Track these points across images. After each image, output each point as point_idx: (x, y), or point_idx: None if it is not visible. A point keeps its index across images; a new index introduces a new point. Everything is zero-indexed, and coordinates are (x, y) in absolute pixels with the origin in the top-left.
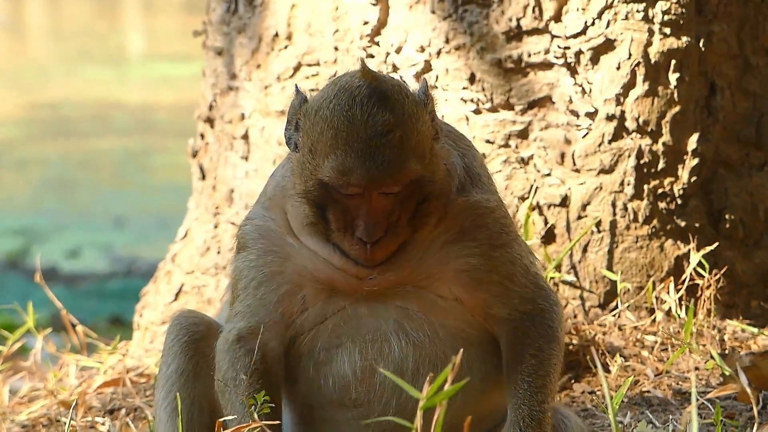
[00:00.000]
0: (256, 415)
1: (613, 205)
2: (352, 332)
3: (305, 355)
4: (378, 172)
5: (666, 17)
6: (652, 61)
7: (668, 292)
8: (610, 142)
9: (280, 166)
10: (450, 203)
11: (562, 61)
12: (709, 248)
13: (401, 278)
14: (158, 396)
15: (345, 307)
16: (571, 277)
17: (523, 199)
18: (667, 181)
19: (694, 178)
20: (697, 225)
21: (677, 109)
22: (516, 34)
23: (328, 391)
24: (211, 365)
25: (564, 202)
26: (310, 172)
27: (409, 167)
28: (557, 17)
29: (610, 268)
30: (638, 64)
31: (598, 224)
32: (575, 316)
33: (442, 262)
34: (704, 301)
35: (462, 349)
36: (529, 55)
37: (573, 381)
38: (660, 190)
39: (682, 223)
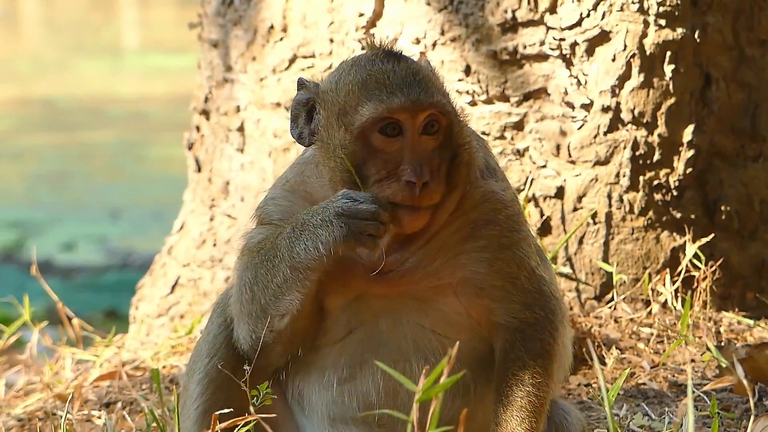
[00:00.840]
0: (252, 408)
1: (609, 196)
2: (374, 350)
3: (330, 369)
4: (419, 95)
5: (661, 9)
6: (648, 52)
7: (664, 284)
8: (605, 133)
9: (285, 173)
10: (471, 190)
11: (557, 52)
12: (704, 240)
13: (415, 279)
14: (192, 388)
15: (367, 320)
16: (566, 269)
17: (518, 190)
18: (662, 172)
19: (689, 170)
20: (692, 216)
21: (672, 100)
22: (511, 26)
23: (351, 408)
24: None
25: (560, 193)
26: (345, 129)
27: (441, 98)
28: (552, 9)
29: (605, 259)
30: (633, 55)
31: (594, 216)
32: (571, 308)
33: (453, 267)
34: (700, 292)
35: (458, 342)
36: (525, 47)
37: (569, 374)
38: (655, 182)
39: (678, 215)
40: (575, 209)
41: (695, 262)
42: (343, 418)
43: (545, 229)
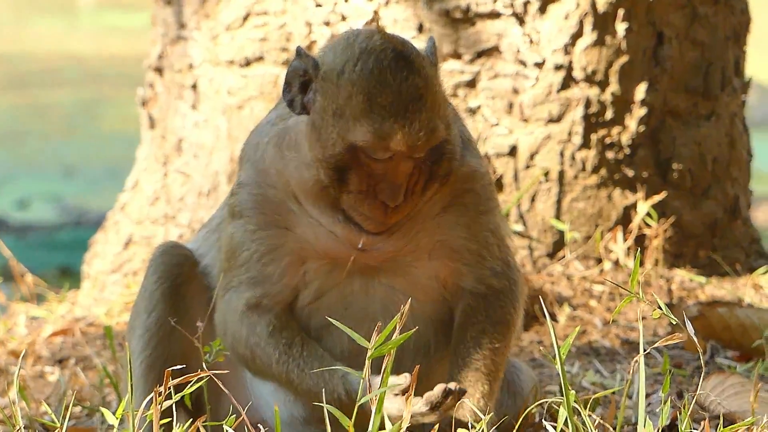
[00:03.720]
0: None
1: (561, 154)
2: (342, 311)
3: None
4: (417, 136)
5: None
6: (600, 11)
7: (616, 242)
8: (558, 92)
9: (265, 125)
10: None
11: (510, 11)
12: (657, 198)
13: (398, 252)
14: (134, 345)
15: (340, 283)
16: (519, 227)
17: None
18: (615, 131)
19: (642, 128)
20: (644, 175)
21: (625, 58)
22: None
23: None
24: (191, 314)
25: (512, 152)
26: (337, 135)
27: (441, 130)
28: None
29: (558, 217)
30: (586, 13)
31: (546, 174)
32: (523, 266)
33: (431, 233)
34: (652, 250)
35: (411, 299)
36: (477, 5)
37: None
38: (608, 140)
39: (630, 173)
40: (528, 167)
41: (647, 220)
42: None
43: (498, 187)
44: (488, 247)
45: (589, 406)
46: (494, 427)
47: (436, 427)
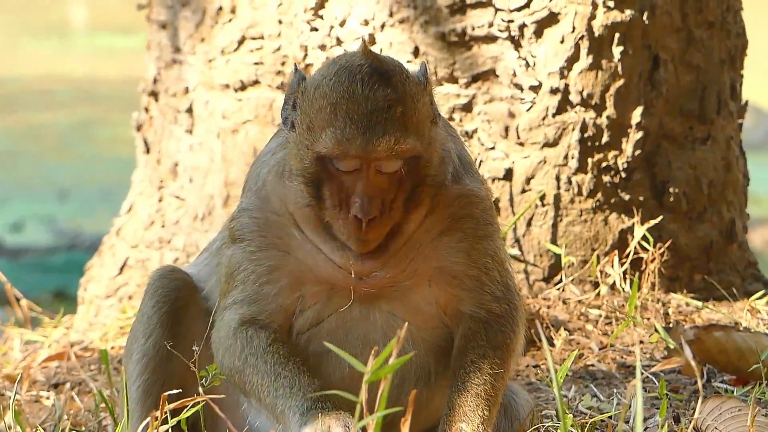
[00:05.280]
0: (200, 389)
1: (557, 178)
2: (343, 338)
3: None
4: (377, 143)
5: None
6: (596, 34)
7: (612, 266)
8: (554, 115)
9: (266, 154)
10: (445, 191)
11: (506, 34)
12: (653, 222)
13: (395, 279)
14: (131, 369)
15: (339, 309)
16: (515, 251)
17: None
18: (611, 154)
19: (637, 152)
20: (641, 198)
21: (621, 82)
22: (460, 8)
23: None
24: (189, 338)
25: (508, 175)
26: (307, 147)
27: (409, 143)
28: None
29: (554, 241)
30: (582, 37)
31: (542, 198)
32: (519, 290)
33: (429, 259)
34: (648, 274)
35: (408, 323)
36: (473, 29)
37: (519, 363)
38: (604, 164)
39: (626, 197)
40: (524, 191)
41: (643, 243)
42: None
43: None
44: (488, 272)
45: (586, 430)
46: None
47: None
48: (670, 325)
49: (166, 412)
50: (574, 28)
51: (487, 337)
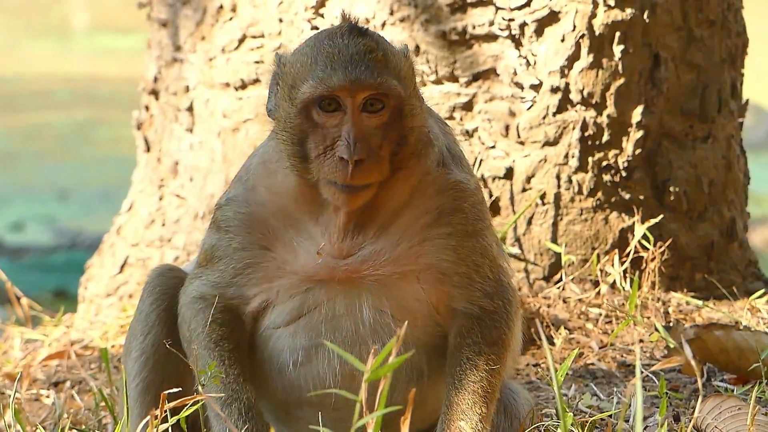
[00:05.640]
0: (200, 388)
1: (558, 177)
2: (331, 333)
3: (284, 352)
4: (359, 74)
5: None
6: (597, 33)
7: (613, 265)
8: (554, 114)
9: (260, 146)
10: (431, 177)
11: (506, 33)
12: (653, 221)
13: (376, 265)
14: (130, 367)
15: (323, 302)
16: (515, 250)
17: None
18: (611, 153)
19: (638, 151)
20: (641, 197)
21: (621, 81)
22: (460, 6)
23: (306, 391)
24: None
25: (508, 174)
26: (291, 104)
27: (391, 81)
28: None
29: (554, 240)
30: (582, 36)
31: (543, 197)
32: (520, 289)
33: (419, 254)
34: (649, 273)
35: (407, 322)
36: (474, 27)
37: (519, 360)
38: (604, 163)
39: (627, 196)
40: (524, 190)
41: (644, 242)
42: (298, 403)
43: (494, 209)
44: (478, 269)
45: (586, 429)
46: None
47: None
48: (671, 324)
49: (166, 411)
50: (574, 26)
51: (482, 333)
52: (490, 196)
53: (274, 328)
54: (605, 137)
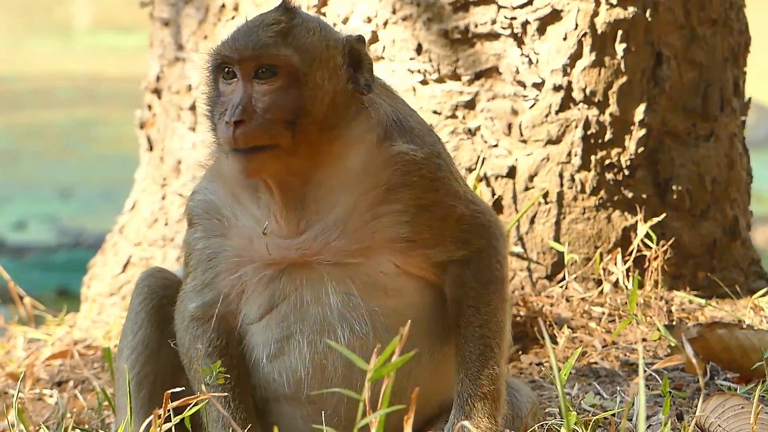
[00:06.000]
0: (203, 387)
1: (561, 176)
2: (299, 322)
3: (258, 347)
4: (246, 44)
5: None
6: (599, 31)
7: (615, 264)
8: (557, 112)
9: None
10: (373, 150)
11: (508, 31)
12: (656, 219)
13: (330, 242)
14: (122, 366)
15: (291, 292)
16: (518, 249)
17: (470, 170)
18: (614, 151)
19: (641, 149)
20: (644, 196)
21: (624, 79)
22: (463, 5)
23: (281, 385)
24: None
25: (511, 173)
26: (206, 73)
27: (282, 50)
28: None
29: (557, 239)
30: (585, 34)
31: (546, 195)
32: (522, 288)
33: (374, 230)
34: (651, 272)
35: (409, 321)
36: (476, 26)
37: (520, 352)
38: (607, 161)
39: (629, 194)
40: (527, 189)
41: (647, 241)
42: (275, 397)
43: (497, 208)
44: (442, 231)
45: (589, 428)
46: None
47: None
48: (673, 323)
49: (168, 410)
50: (576, 25)
51: (475, 277)
52: (493, 195)
53: (249, 324)
54: (608, 135)
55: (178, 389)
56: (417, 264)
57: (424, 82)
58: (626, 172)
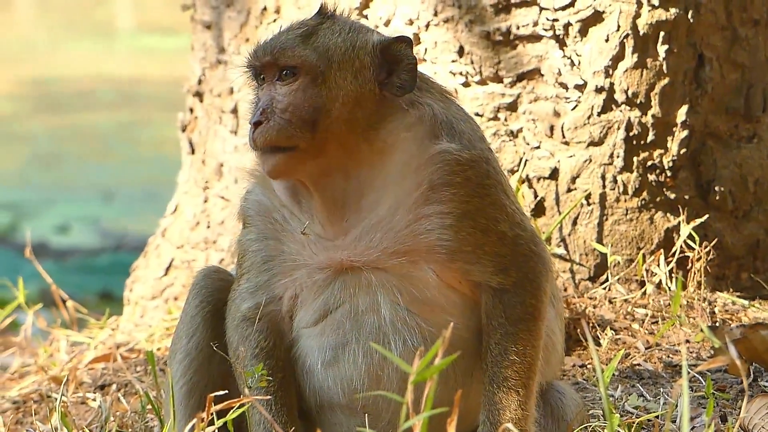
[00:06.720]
0: (246, 390)
1: (603, 177)
2: (355, 331)
3: (314, 352)
4: (269, 48)
5: None
6: (641, 32)
7: (658, 265)
8: (599, 114)
9: None
10: (415, 149)
11: (550, 33)
12: (698, 220)
13: (374, 242)
14: (174, 370)
15: (345, 300)
16: (561, 250)
17: (512, 171)
18: (656, 153)
19: (683, 150)
20: (686, 197)
21: (666, 80)
22: (504, 6)
23: (336, 393)
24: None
25: (553, 174)
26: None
27: (299, 52)
28: None
29: (600, 240)
30: (627, 35)
31: (588, 197)
32: (565, 289)
33: (416, 232)
34: (694, 273)
35: (452, 324)
36: (518, 27)
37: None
38: (649, 162)
39: (672, 196)
40: (569, 190)
41: (689, 242)
42: (330, 405)
43: (539, 210)
44: (483, 247)
45: (633, 430)
46: None
47: None
48: (717, 324)
49: (212, 414)
50: (619, 26)
51: (505, 312)
52: (535, 196)
53: (303, 328)
54: (650, 137)
55: (222, 392)
56: (456, 278)
57: (466, 84)
58: (668, 174)
